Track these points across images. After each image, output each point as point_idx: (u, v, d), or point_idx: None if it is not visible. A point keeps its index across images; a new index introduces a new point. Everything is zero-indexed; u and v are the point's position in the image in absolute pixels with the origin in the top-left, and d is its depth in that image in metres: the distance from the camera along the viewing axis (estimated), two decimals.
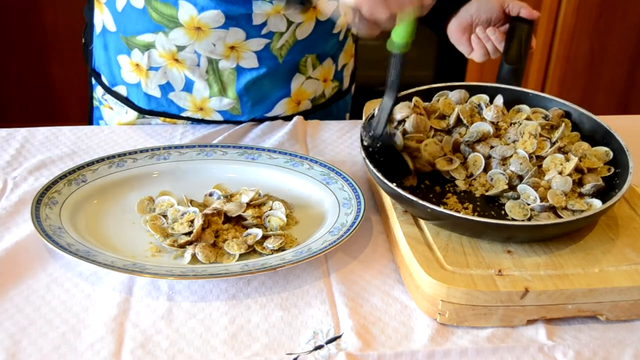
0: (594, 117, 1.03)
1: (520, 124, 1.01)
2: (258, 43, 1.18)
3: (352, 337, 0.81)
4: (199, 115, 1.26)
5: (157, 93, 1.24)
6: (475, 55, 1.19)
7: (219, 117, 1.26)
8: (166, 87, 1.23)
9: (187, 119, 1.26)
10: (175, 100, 1.24)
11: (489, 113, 1.03)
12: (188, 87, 1.22)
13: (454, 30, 1.20)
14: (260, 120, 1.27)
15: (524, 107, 1.07)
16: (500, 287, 0.81)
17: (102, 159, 1.07)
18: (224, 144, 1.13)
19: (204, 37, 1.15)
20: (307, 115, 1.30)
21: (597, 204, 0.90)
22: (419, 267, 0.83)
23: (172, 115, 1.26)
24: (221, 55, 1.18)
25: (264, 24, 1.15)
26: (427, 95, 1.10)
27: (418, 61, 2.83)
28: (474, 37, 1.18)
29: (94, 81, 1.32)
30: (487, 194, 0.95)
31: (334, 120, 1.32)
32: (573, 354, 0.80)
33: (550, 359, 0.80)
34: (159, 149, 1.11)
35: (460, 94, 1.08)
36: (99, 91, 1.31)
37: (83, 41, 1.33)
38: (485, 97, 1.08)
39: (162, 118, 1.27)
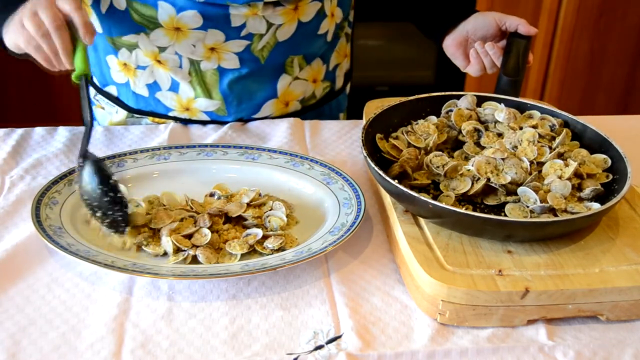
0: (592, 127, 1.04)
1: (521, 129, 1.02)
2: (238, 44, 1.18)
3: (352, 337, 0.81)
4: (185, 115, 1.26)
5: (144, 92, 1.24)
6: (472, 70, 1.21)
7: (206, 118, 1.26)
8: (153, 87, 1.24)
9: (174, 119, 1.27)
10: (162, 99, 1.25)
11: (501, 114, 1.03)
12: (174, 87, 1.23)
13: (450, 45, 1.23)
14: (246, 121, 1.27)
15: (535, 113, 1.07)
16: (500, 287, 0.81)
17: (102, 159, 1.07)
18: (224, 144, 1.13)
19: (183, 38, 1.15)
20: (298, 116, 1.30)
21: (596, 207, 0.90)
22: (419, 267, 0.83)
23: (160, 114, 1.27)
24: (202, 56, 1.18)
25: (243, 25, 1.15)
26: (431, 102, 1.10)
27: (418, 61, 2.83)
28: (472, 52, 1.19)
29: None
30: (486, 202, 0.95)
31: (326, 120, 1.32)
32: (573, 354, 0.80)
33: (550, 359, 0.80)
34: (159, 149, 1.11)
35: (468, 99, 1.08)
36: (91, 92, 1.32)
37: None
38: (494, 103, 1.08)
39: (151, 118, 1.28)
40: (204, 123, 1.26)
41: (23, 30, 0.97)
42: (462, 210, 0.86)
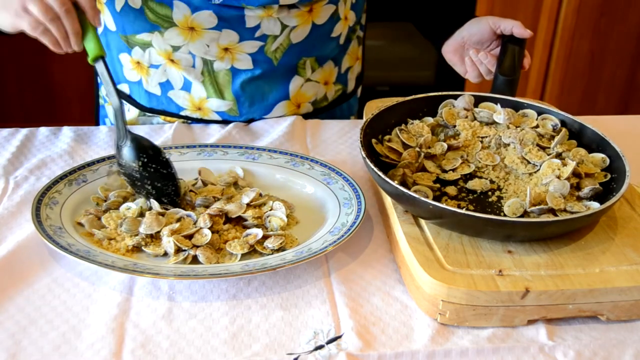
0: (589, 126, 1.04)
1: (522, 129, 1.02)
2: (252, 45, 1.18)
3: (352, 337, 0.81)
4: (197, 115, 1.26)
5: (157, 91, 1.24)
6: (470, 76, 1.22)
7: (217, 118, 1.26)
8: (166, 85, 1.24)
9: (186, 117, 1.27)
10: (174, 98, 1.25)
11: (499, 116, 1.04)
12: (186, 86, 1.23)
13: (447, 52, 1.25)
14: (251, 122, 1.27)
15: (530, 112, 1.07)
16: (500, 287, 0.81)
17: (102, 159, 1.07)
18: (224, 144, 1.13)
19: (197, 37, 1.15)
20: (309, 118, 1.31)
21: (595, 206, 0.90)
22: (419, 267, 0.83)
23: (172, 113, 1.27)
24: (215, 56, 1.18)
25: (258, 26, 1.16)
26: (428, 102, 1.10)
27: (419, 61, 2.83)
28: (467, 60, 1.21)
29: (99, 80, 1.33)
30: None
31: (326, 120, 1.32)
32: (573, 354, 0.80)
33: (550, 359, 0.80)
34: None
35: (465, 99, 1.08)
36: (103, 90, 1.32)
37: None
38: (490, 104, 1.08)
39: (162, 116, 1.28)
40: (214, 123, 1.26)
41: (27, 15, 0.95)
42: (463, 211, 0.86)
